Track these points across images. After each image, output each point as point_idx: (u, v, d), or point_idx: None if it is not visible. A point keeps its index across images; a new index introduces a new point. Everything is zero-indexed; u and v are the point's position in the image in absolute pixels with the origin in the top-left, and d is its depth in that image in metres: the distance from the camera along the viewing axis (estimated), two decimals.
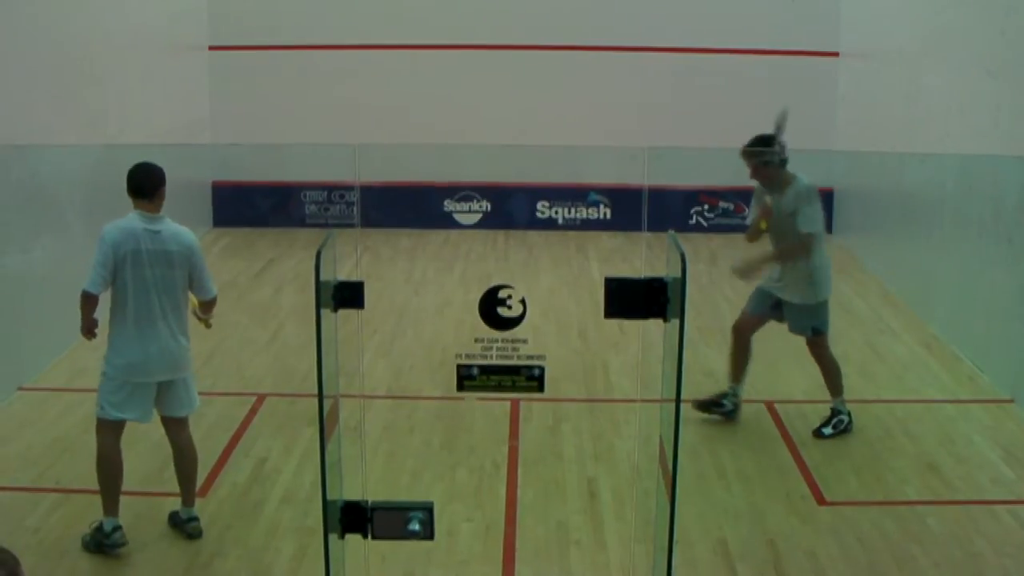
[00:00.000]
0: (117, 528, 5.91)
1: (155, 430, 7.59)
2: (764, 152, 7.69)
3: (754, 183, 7.93)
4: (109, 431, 6.01)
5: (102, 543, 5.88)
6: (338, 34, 14.03)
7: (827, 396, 8.59)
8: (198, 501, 6.34)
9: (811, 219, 7.60)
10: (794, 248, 7.64)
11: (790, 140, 14.03)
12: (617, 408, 8.22)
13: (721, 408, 7.87)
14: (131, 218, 5.97)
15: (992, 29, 9.16)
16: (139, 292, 5.87)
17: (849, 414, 7.76)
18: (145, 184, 6.03)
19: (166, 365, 6.00)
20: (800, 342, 7.98)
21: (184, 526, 6.14)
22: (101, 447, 6.01)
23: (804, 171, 8.03)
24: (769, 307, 7.91)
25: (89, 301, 5.91)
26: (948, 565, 5.92)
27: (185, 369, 6.12)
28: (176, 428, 6.20)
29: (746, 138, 7.95)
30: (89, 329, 6.00)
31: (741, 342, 7.91)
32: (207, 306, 6.21)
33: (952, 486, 6.94)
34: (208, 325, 6.39)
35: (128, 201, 6.08)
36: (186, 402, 6.17)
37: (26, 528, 6.14)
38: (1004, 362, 8.65)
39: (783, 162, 7.77)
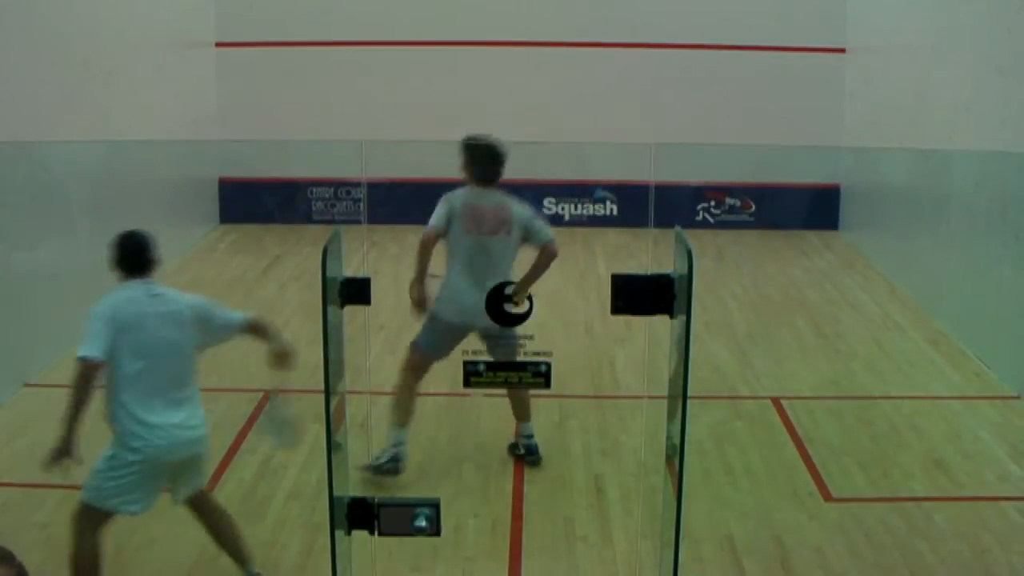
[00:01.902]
0: None
1: None
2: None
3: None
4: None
5: None
6: (345, 31, 14.03)
7: (833, 392, 8.60)
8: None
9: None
10: None
11: (798, 136, 14.06)
12: (624, 404, 8.21)
13: (390, 463, 6.80)
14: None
15: (1000, 27, 9.14)
16: None
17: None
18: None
19: None
20: (811, 338, 7.96)
21: None
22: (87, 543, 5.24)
23: (810, 168, 7.95)
24: None
25: None
26: (955, 562, 5.91)
27: None
28: None
29: (752, 134, 7.84)
30: None
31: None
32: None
33: (959, 482, 6.92)
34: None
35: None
36: None
37: (33, 524, 6.14)
38: (1011, 358, 8.64)
39: (473, 171, 6.92)
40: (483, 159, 6.88)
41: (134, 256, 5.28)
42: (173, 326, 5.23)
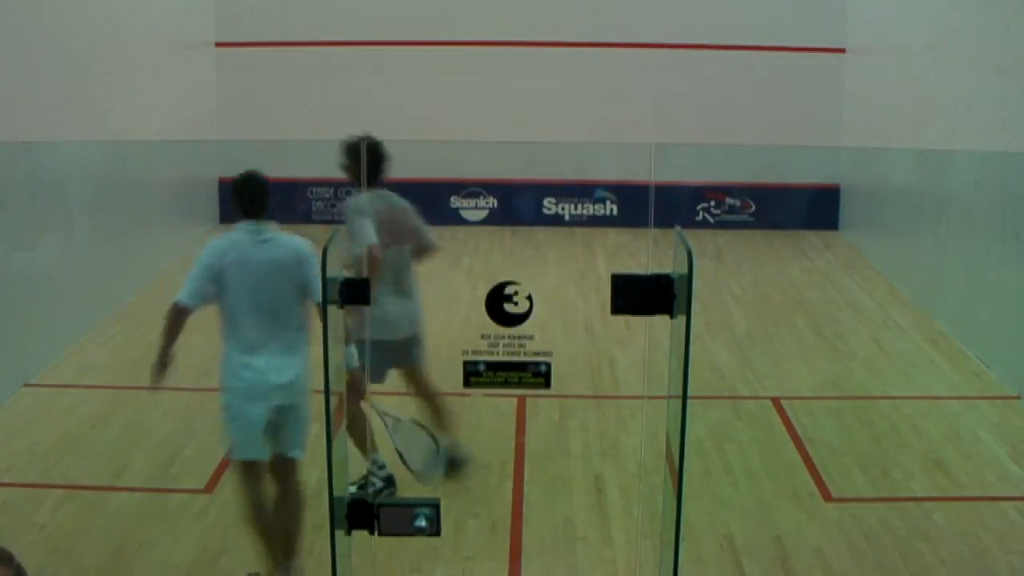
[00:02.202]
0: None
1: (160, 426, 7.62)
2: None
3: None
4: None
5: None
6: (344, 30, 14.03)
7: (833, 392, 8.59)
8: (205, 496, 6.31)
9: (354, 236, 6.22)
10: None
11: (798, 136, 14.05)
12: (623, 404, 8.21)
13: (387, 488, 6.64)
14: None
15: (999, 26, 9.14)
16: None
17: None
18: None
19: None
20: (810, 338, 7.95)
21: None
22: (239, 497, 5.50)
23: (810, 168, 7.85)
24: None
25: None
26: (954, 562, 5.90)
27: None
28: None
29: (752, 135, 7.73)
30: None
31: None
32: None
33: (959, 482, 6.92)
34: None
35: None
36: None
37: (33, 524, 6.14)
38: (1011, 358, 8.63)
39: (365, 173, 6.62)
40: (375, 159, 6.49)
41: (248, 197, 5.39)
42: (276, 272, 5.27)
